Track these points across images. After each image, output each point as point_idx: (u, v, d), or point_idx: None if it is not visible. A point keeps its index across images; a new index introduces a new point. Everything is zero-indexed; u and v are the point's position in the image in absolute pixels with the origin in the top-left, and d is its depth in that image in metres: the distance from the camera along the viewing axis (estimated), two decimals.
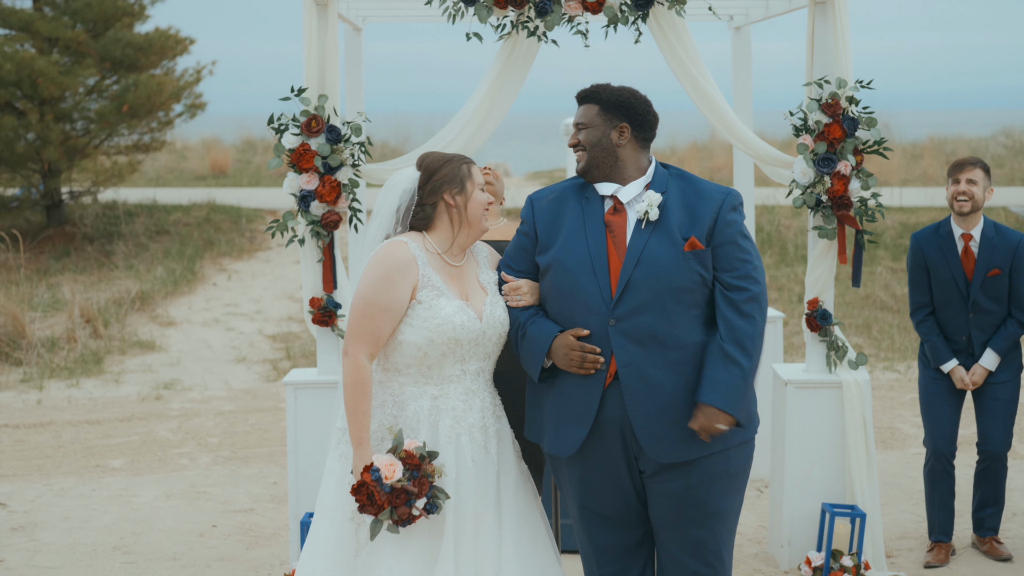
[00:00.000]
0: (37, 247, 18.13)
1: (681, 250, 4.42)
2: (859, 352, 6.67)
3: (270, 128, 6.17)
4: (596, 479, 4.55)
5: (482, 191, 4.68)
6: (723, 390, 4.34)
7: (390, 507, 4.33)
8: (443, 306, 4.52)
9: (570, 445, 4.51)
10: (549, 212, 4.63)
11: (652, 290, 4.39)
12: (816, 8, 6.38)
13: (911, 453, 8.87)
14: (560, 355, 4.46)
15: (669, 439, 4.41)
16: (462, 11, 6.18)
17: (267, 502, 7.92)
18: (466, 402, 4.58)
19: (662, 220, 4.47)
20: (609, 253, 4.48)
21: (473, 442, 4.56)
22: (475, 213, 4.66)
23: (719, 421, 4.34)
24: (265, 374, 11.84)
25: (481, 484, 4.55)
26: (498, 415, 4.68)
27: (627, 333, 4.40)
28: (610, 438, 4.47)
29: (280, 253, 18.25)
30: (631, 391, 4.40)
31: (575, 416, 4.49)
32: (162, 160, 27.75)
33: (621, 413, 4.43)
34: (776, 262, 16.42)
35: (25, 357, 12.07)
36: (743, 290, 4.43)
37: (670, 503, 4.50)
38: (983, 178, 6.66)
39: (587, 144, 4.59)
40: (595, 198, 4.59)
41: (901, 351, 12.16)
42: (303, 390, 6.34)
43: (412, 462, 4.37)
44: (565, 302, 4.51)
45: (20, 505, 7.86)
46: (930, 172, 23.74)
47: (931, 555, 6.73)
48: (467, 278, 4.68)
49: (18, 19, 18.45)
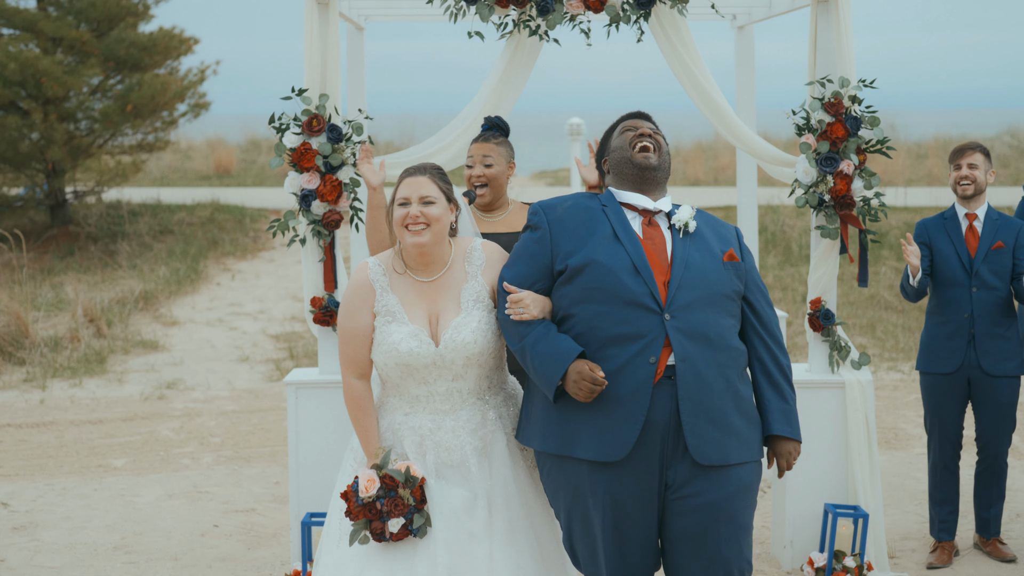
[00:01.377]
0: (41, 247, 18.14)
1: (721, 260, 4.48)
2: (862, 352, 6.66)
3: (271, 127, 6.16)
4: (629, 488, 4.35)
5: (401, 206, 4.51)
6: (792, 421, 4.51)
7: (365, 519, 4.41)
8: (391, 332, 4.47)
9: (619, 448, 4.31)
10: (569, 219, 4.52)
11: (702, 292, 4.39)
12: (819, 7, 6.36)
13: (915, 453, 8.85)
14: (569, 381, 4.31)
15: (714, 440, 4.33)
16: (464, 10, 6.17)
17: (269, 502, 7.91)
18: (434, 421, 4.52)
19: (698, 232, 4.53)
20: (649, 259, 4.42)
21: (439, 461, 4.50)
22: (395, 228, 4.55)
23: (797, 451, 4.53)
24: (268, 374, 11.83)
25: (450, 502, 4.45)
26: (488, 430, 4.56)
27: (683, 329, 4.32)
28: (652, 442, 4.32)
29: (284, 253, 18.25)
30: (685, 386, 4.30)
31: (624, 415, 4.30)
32: (166, 160, 27.78)
33: (669, 412, 4.30)
34: (780, 262, 16.39)
35: (28, 357, 12.07)
36: (773, 323, 4.60)
37: (697, 519, 4.33)
38: (983, 161, 6.70)
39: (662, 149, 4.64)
40: (617, 209, 4.53)
41: (905, 351, 12.13)
42: (304, 390, 6.33)
43: (388, 482, 4.39)
44: (606, 302, 4.36)
45: (22, 505, 7.86)
46: (935, 172, 23.70)
47: (934, 556, 6.72)
48: (441, 294, 4.56)
49: (22, 19, 18.46)
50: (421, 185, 4.53)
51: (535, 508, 4.62)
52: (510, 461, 4.58)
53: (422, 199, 4.51)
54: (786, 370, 4.55)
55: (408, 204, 4.51)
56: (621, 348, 4.34)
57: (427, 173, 4.58)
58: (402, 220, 4.50)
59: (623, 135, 4.64)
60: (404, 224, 4.50)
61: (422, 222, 4.49)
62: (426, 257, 4.54)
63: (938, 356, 6.73)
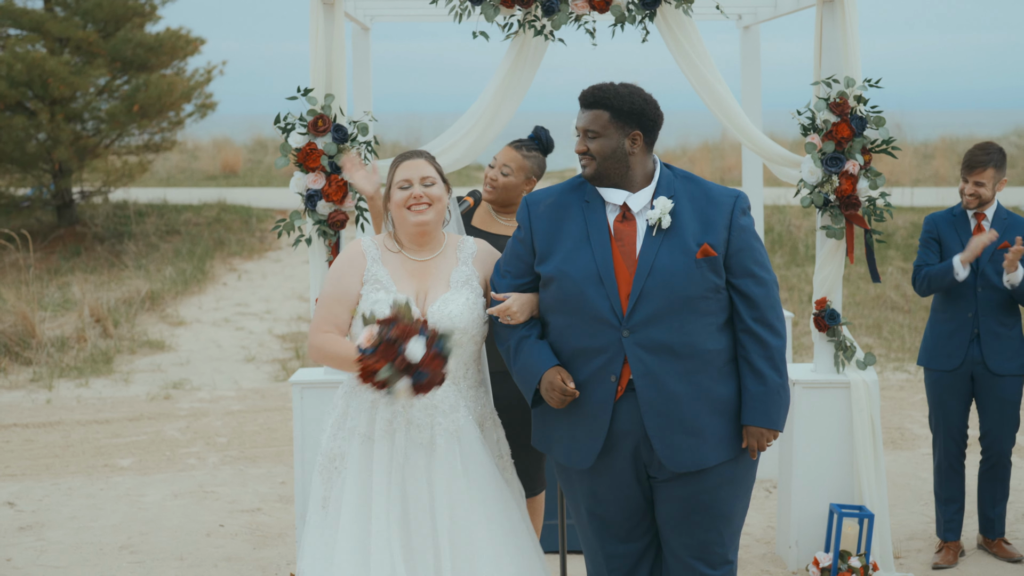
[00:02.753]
0: (48, 247, 18.17)
1: (694, 258, 4.33)
2: (867, 352, 6.65)
3: (277, 127, 6.17)
4: (607, 490, 4.50)
5: (402, 189, 4.65)
6: (764, 408, 4.39)
7: (387, 363, 4.25)
8: (379, 301, 4.52)
9: (585, 458, 4.44)
10: (548, 218, 4.51)
11: (665, 300, 4.31)
12: (824, 7, 6.36)
13: (920, 454, 8.84)
14: (543, 389, 4.42)
15: (688, 449, 4.36)
16: (469, 10, 6.17)
17: (275, 502, 7.92)
18: None
19: (674, 227, 4.38)
20: (616, 263, 4.38)
21: (409, 439, 4.54)
22: (394, 211, 4.70)
23: (768, 438, 4.43)
24: (274, 374, 11.84)
25: (414, 479, 4.52)
26: (461, 415, 4.62)
27: (642, 344, 4.32)
28: (623, 449, 4.41)
29: (290, 253, 18.28)
30: (647, 402, 4.33)
31: (588, 429, 4.41)
32: (173, 160, 27.84)
33: (635, 424, 4.37)
34: (786, 262, 16.38)
35: (35, 356, 12.09)
36: (763, 303, 4.41)
37: (678, 507, 4.46)
38: (993, 177, 6.64)
39: (599, 154, 4.43)
40: (597, 202, 4.48)
41: (911, 351, 12.12)
42: (309, 390, 6.33)
43: (383, 321, 4.30)
44: (572, 314, 4.41)
45: (28, 504, 7.87)
46: (942, 172, 23.69)
47: (939, 556, 6.71)
48: (432, 273, 4.68)
49: (29, 19, 18.51)
50: (420, 167, 4.70)
51: (501, 493, 4.66)
52: (478, 444, 4.63)
53: (423, 180, 4.68)
54: (772, 349, 4.40)
55: (410, 186, 4.67)
56: (586, 361, 4.42)
57: (423, 156, 4.76)
58: (404, 201, 4.65)
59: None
60: (407, 205, 4.64)
61: (424, 202, 4.65)
62: (425, 236, 4.68)
63: (940, 353, 6.73)
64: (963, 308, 6.66)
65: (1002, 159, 6.64)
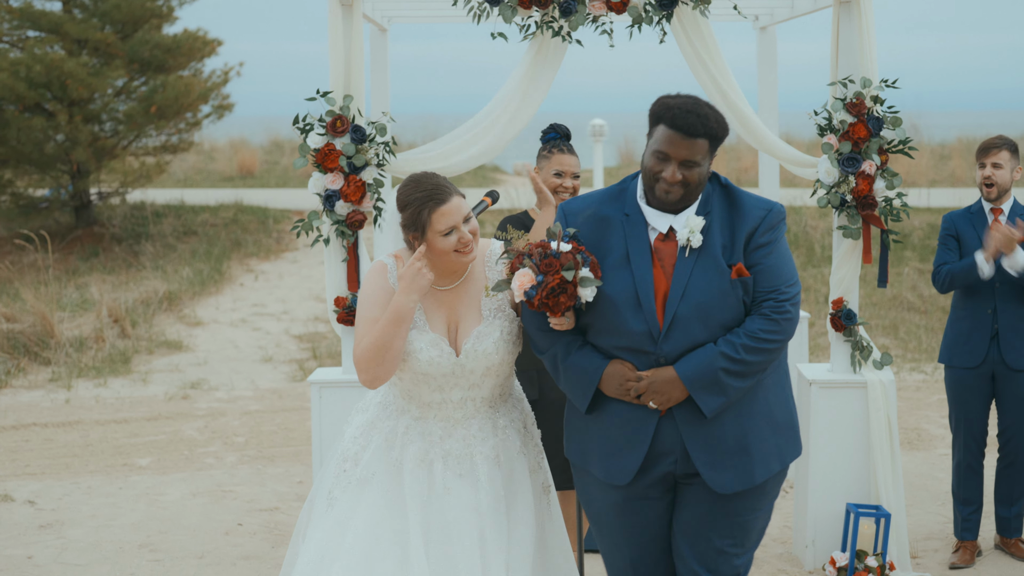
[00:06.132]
0: (66, 247, 18.26)
1: (728, 279, 4.18)
2: (884, 352, 6.66)
3: (295, 128, 6.21)
4: (638, 501, 4.38)
5: (447, 235, 4.35)
6: (696, 365, 4.14)
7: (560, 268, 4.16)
8: (412, 340, 4.37)
9: (625, 473, 4.30)
10: (587, 232, 4.35)
11: (701, 326, 4.17)
12: (841, 7, 6.37)
13: (937, 454, 8.83)
14: (614, 385, 4.23)
15: (734, 468, 4.23)
16: (487, 11, 6.19)
17: (292, 501, 7.95)
18: (445, 429, 4.48)
19: (706, 245, 4.21)
20: (656, 282, 4.22)
21: (447, 468, 4.45)
22: (441, 258, 4.40)
23: (672, 388, 4.17)
24: (291, 374, 11.88)
25: (455, 510, 4.41)
26: (499, 439, 4.54)
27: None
28: (661, 467, 4.29)
29: (307, 254, 18.32)
30: (688, 426, 4.21)
31: (628, 443, 4.27)
32: (190, 161, 27.93)
33: (676, 444, 4.24)
34: (803, 263, 16.37)
35: (54, 357, 12.16)
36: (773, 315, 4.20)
37: (699, 511, 4.33)
38: (1009, 159, 6.66)
39: (697, 183, 4.20)
40: (638, 216, 4.32)
41: (928, 352, 12.10)
42: (328, 389, 6.37)
43: (536, 250, 4.20)
44: (612, 335, 4.25)
45: (48, 503, 7.92)
46: (958, 173, 23.63)
47: (956, 556, 6.70)
48: (461, 302, 4.49)
49: (48, 21, 18.59)
50: (459, 208, 4.37)
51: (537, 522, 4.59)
52: (520, 474, 4.56)
53: (466, 219, 4.40)
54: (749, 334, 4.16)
55: (454, 231, 4.36)
56: None
57: (454, 193, 4.40)
58: (453, 247, 4.36)
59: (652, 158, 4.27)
60: (456, 249, 4.37)
61: (472, 242, 4.41)
62: (465, 268, 4.49)
63: (961, 350, 6.72)
64: (983, 304, 6.66)
65: (1015, 147, 6.68)
